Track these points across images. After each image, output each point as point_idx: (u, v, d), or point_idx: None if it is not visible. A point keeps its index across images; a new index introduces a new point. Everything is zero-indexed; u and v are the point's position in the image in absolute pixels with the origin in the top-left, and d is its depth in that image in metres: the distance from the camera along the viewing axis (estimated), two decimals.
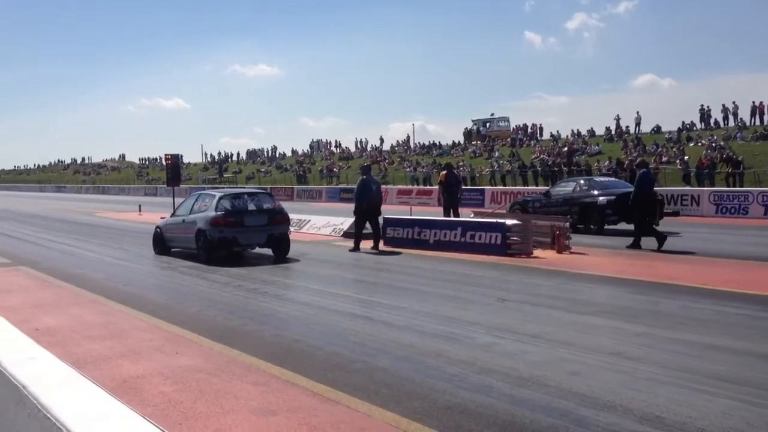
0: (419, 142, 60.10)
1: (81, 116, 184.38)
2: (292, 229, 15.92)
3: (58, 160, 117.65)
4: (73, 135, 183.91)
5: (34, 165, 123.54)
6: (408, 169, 47.25)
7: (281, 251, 14.49)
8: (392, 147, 60.96)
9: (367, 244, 15.20)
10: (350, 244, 15.73)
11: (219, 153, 79.99)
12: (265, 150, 74.79)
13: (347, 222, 18.38)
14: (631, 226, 15.22)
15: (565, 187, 19.40)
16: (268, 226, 14.22)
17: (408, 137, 62.67)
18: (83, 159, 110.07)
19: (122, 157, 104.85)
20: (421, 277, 11.74)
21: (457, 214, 17.94)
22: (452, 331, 7.53)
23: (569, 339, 7.08)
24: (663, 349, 6.62)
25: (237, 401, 5.28)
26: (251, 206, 14.43)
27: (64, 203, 45.99)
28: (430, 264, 13.19)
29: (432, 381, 5.74)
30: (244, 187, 19.13)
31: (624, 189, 17.76)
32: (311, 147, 69.88)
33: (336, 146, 67.16)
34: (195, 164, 79.59)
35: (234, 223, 13.89)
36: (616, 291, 10.02)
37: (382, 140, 63.39)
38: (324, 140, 69.69)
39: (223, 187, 37.04)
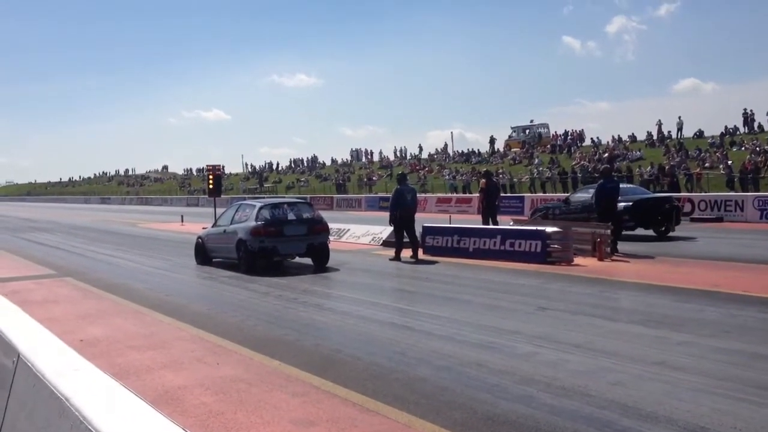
0: (458, 150, 59.96)
1: (125, 129, 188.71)
2: (331, 238, 15.94)
3: (103, 172, 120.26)
4: (117, 147, 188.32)
5: (80, 177, 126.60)
6: (447, 177, 47.10)
7: (321, 261, 14.49)
8: (430, 155, 60.85)
9: (407, 253, 15.19)
10: (390, 252, 15.74)
11: (262, 163, 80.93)
12: (305, 159, 75.36)
13: (386, 231, 18.39)
14: (650, 232, 16.35)
15: (585, 194, 19.24)
16: (307, 236, 14.24)
17: (446, 145, 62.60)
18: (127, 171, 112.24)
19: (165, 168, 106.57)
20: (460, 286, 11.67)
21: (495, 222, 17.82)
22: (492, 341, 7.47)
23: (611, 348, 6.97)
24: (707, 358, 6.48)
25: (277, 412, 5.30)
26: (291, 216, 14.44)
27: (109, 214, 46.95)
28: (470, 272, 13.12)
29: (472, 391, 5.69)
30: (284, 197, 19.43)
31: (642, 195, 18.23)
32: (351, 156, 70.15)
33: (375, 155, 67.29)
34: (236, 174, 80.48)
35: (274, 233, 13.91)
36: (659, 299, 9.82)
37: (420, 148, 63.41)
38: (363, 149, 69.95)
39: (264, 197, 37.40)
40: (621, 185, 16.52)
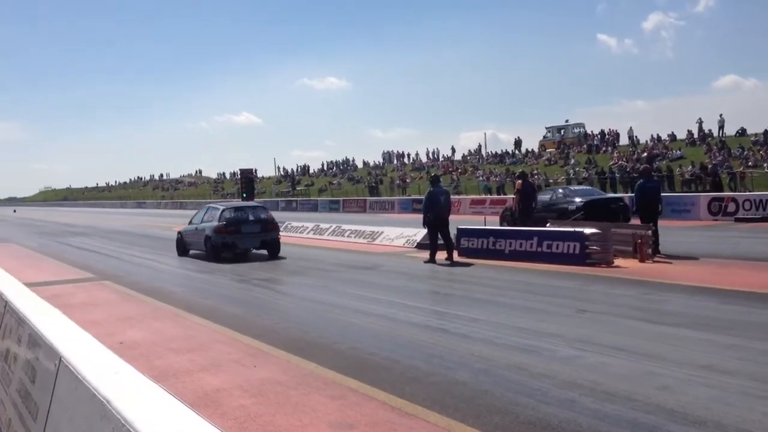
0: (491, 151, 59.63)
1: (159, 134, 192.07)
2: (364, 241, 18.08)
3: (138, 177, 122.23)
4: (152, 152, 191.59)
5: (115, 182, 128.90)
6: (480, 179, 46.85)
7: (273, 252, 17.73)
8: (464, 156, 60.63)
9: (441, 255, 15.08)
10: (424, 255, 15.66)
11: (294, 166, 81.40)
12: (337, 162, 75.57)
13: (420, 233, 18.32)
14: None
15: (545, 196, 21.58)
16: (261, 233, 17.56)
17: (479, 146, 62.31)
18: (162, 175, 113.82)
19: (199, 172, 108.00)
20: (497, 288, 11.54)
21: (533, 224, 17.59)
22: (531, 344, 7.34)
23: (656, 352, 6.79)
24: (757, 362, 6.29)
25: (315, 415, 5.26)
26: (248, 217, 17.71)
27: (144, 219, 47.51)
28: (506, 274, 12.97)
29: (513, 395, 5.59)
30: (247, 203, 23.22)
31: (595, 196, 20.64)
32: (383, 158, 70.19)
33: (407, 157, 67.17)
34: (268, 178, 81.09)
35: (233, 231, 17.23)
36: (705, 301, 9.57)
37: (453, 150, 63.20)
38: (396, 151, 69.92)
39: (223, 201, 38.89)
40: (576, 188, 16.95)
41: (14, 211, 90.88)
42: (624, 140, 47.56)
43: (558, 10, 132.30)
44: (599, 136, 49.39)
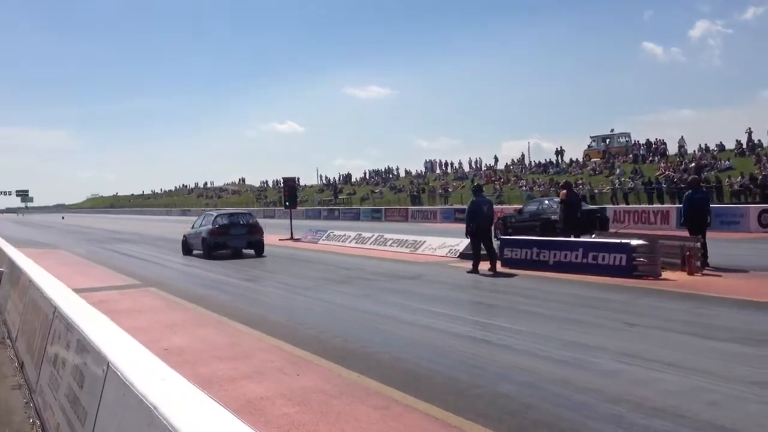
0: (534, 160, 59.08)
1: (203, 142, 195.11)
2: (407, 250, 19.74)
3: (183, 185, 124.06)
4: (196, 160, 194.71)
5: (161, 189, 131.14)
6: (523, 188, 46.42)
7: (258, 251, 21.54)
8: (506, 166, 60.18)
9: (484, 266, 14.96)
10: (467, 265, 15.56)
11: (336, 175, 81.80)
12: (379, 171, 75.69)
13: (463, 243, 18.22)
14: None
15: (533, 206, 23.99)
16: (247, 235, 21.61)
17: (523, 155, 61.79)
18: (206, 183, 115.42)
19: (242, 180, 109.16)
20: (541, 300, 11.38)
21: (577, 234, 17.34)
22: (577, 357, 7.22)
23: (706, 367, 6.61)
24: None
25: (358, 425, 5.24)
26: (239, 221, 21.97)
27: (188, 226, 47.96)
28: (551, 286, 12.80)
29: (558, 409, 5.49)
30: (236, 210, 30.87)
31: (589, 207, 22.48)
32: (425, 167, 70.09)
33: (450, 166, 66.93)
34: (311, 186, 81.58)
35: (224, 232, 21.27)
36: (757, 315, 9.30)
37: (496, 159, 62.75)
38: (438, 160, 69.73)
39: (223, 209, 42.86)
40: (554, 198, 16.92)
41: (63, 218, 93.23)
42: (672, 150, 46.66)
43: (603, 18, 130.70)
44: (645, 146, 48.53)
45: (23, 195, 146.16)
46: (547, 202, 23.55)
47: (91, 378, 3.61)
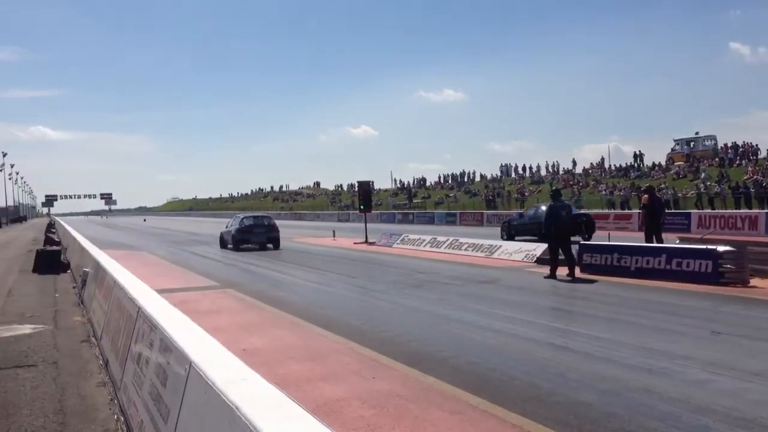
0: (615, 164, 57.62)
1: (279, 147, 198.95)
2: (483, 254, 20.29)
3: (259, 189, 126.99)
4: (272, 165, 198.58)
5: (238, 193, 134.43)
6: (603, 193, 45.34)
7: (275, 246, 26.91)
8: (585, 169, 58.93)
9: (562, 271, 14.67)
10: (544, 270, 15.30)
11: (410, 179, 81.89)
12: (454, 175, 75.35)
13: (540, 248, 17.93)
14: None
15: (531, 211, 26.65)
16: (266, 233, 27.19)
17: (602, 159, 60.35)
18: (281, 187, 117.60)
19: (317, 184, 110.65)
20: (622, 306, 11.06)
21: (660, 240, 16.81)
22: (660, 365, 6.98)
23: None
24: None
25: (435, 429, 5.21)
26: (260, 222, 27.86)
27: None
28: (632, 292, 12.43)
29: (642, 419, 5.31)
30: (258, 213, 36.98)
31: (578, 211, 22.29)
32: (500, 171, 69.40)
33: (526, 169, 66.04)
34: (385, 190, 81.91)
35: (248, 230, 26.97)
36: None
37: (574, 162, 61.65)
38: (513, 164, 68.95)
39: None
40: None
41: (144, 220, 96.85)
42: (762, 153, 44.67)
43: (687, 18, 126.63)
44: (732, 149, 46.64)
45: (107, 198, 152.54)
46: (543, 207, 23.74)
47: (173, 377, 3.70)
